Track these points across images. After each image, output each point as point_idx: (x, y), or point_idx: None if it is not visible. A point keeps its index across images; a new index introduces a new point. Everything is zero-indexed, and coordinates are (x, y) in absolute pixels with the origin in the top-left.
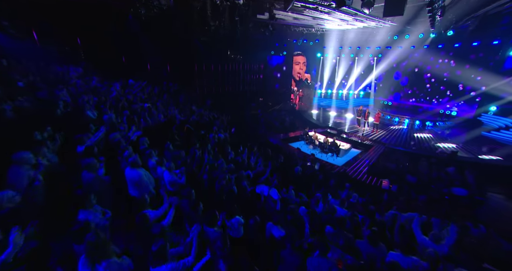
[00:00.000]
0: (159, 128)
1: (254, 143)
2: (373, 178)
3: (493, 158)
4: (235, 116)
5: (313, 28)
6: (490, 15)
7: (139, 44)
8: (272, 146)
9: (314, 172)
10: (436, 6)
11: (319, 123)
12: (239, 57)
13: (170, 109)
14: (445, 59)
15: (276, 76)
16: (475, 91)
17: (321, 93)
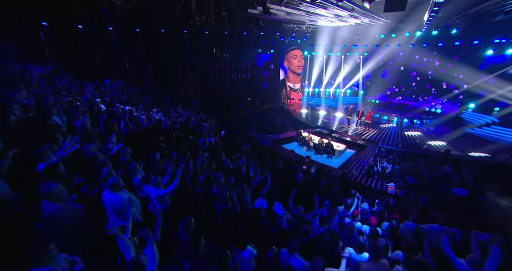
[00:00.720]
0: (142, 135)
1: (248, 147)
2: (372, 180)
3: (482, 155)
4: (224, 118)
5: (304, 25)
6: (481, 14)
7: (115, 40)
8: (266, 149)
9: (317, 178)
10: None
11: (310, 123)
12: (226, 56)
13: (153, 111)
14: (430, 58)
15: (263, 75)
16: (457, 89)
17: (309, 92)
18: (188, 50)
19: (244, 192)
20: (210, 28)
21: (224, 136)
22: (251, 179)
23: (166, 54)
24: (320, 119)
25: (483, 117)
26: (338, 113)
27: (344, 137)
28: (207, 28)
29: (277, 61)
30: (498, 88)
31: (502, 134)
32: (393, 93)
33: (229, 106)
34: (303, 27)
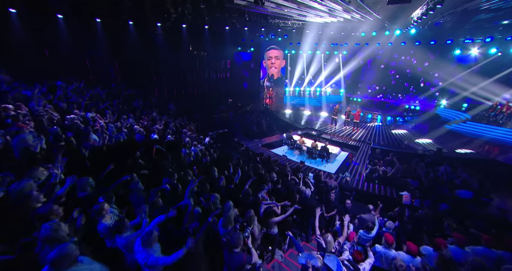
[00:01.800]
0: (112, 152)
1: (241, 157)
2: (374, 186)
3: (468, 152)
4: (205, 122)
5: (290, 21)
6: (469, 11)
7: (68, 32)
8: (257, 156)
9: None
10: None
11: (297, 124)
12: (204, 54)
13: (123, 118)
14: (408, 56)
15: (244, 74)
16: (434, 87)
17: (289, 91)
18: (162, 46)
19: (251, 220)
20: (188, 23)
21: (208, 143)
22: (257, 204)
23: (135, 51)
24: (306, 120)
25: (458, 114)
26: (323, 113)
27: (335, 138)
28: (184, 22)
29: (257, 60)
30: (467, 86)
31: (478, 130)
32: (374, 91)
33: (209, 109)
34: (289, 23)
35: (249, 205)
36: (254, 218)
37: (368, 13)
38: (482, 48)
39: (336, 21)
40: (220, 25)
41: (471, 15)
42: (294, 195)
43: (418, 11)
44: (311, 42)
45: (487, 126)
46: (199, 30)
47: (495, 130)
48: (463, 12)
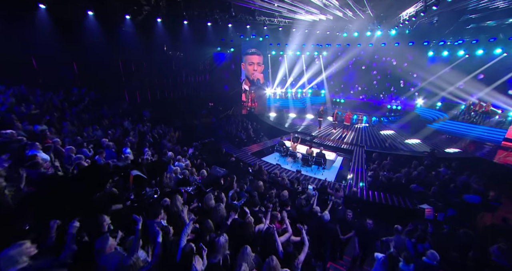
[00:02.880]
0: (71, 185)
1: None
2: (379, 194)
3: (456, 151)
4: (186, 130)
5: (276, 18)
6: (456, 12)
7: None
8: (248, 167)
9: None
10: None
11: (284, 128)
12: (180, 54)
13: (86, 131)
14: (388, 57)
15: (224, 76)
16: (413, 87)
17: (271, 94)
18: (132, 45)
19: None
20: (163, 17)
21: (192, 154)
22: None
23: (99, 49)
24: (293, 123)
25: (436, 113)
26: (308, 115)
27: (326, 142)
28: (158, 16)
29: (238, 61)
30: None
31: (458, 128)
32: (356, 92)
33: (189, 114)
34: (275, 21)
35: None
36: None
37: (361, 10)
38: (452, 50)
39: (325, 19)
40: (200, 21)
41: (457, 16)
42: (307, 219)
43: (411, 9)
44: (295, 43)
45: (467, 125)
46: (176, 27)
47: (475, 129)
48: (451, 13)
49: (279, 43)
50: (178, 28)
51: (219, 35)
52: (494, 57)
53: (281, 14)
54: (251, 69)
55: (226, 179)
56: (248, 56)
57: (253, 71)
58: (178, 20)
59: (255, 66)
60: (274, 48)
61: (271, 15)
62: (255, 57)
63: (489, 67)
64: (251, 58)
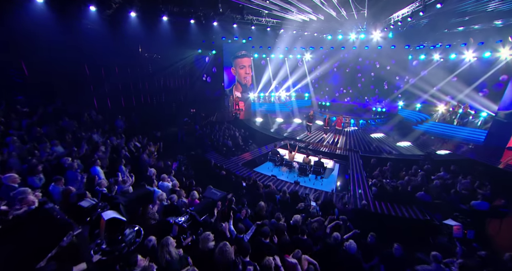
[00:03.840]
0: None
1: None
2: (386, 205)
3: (447, 152)
4: (167, 140)
5: (264, 18)
6: (442, 13)
7: None
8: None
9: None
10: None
11: (274, 135)
12: (157, 57)
13: (42, 147)
14: (371, 60)
15: (206, 80)
16: (396, 90)
17: (254, 98)
18: (100, 44)
19: None
20: (137, 11)
21: (178, 169)
22: None
23: (57, 47)
24: (281, 128)
25: (419, 115)
26: (295, 119)
27: (319, 148)
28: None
29: (220, 63)
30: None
31: (444, 130)
32: (341, 94)
33: (169, 122)
34: (263, 21)
35: None
36: None
37: (357, 9)
38: (428, 54)
39: (315, 19)
40: (181, 19)
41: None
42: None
43: (405, 10)
44: (279, 45)
45: (454, 127)
46: (153, 25)
47: (461, 130)
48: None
49: (261, 46)
50: (155, 26)
51: (201, 36)
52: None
53: (271, 13)
54: (243, 73)
55: (224, 202)
56: (239, 60)
57: (245, 75)
58: (155, 16)
59: (247, 69)
60: (256, 50)
61: (259, 14)
62: (246, 60)
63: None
64: (242, 61)
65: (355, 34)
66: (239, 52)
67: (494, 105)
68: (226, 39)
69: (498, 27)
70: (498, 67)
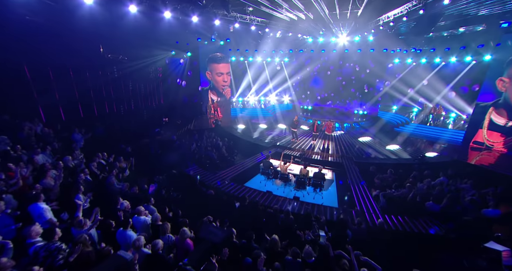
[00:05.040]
0: None
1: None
2: (397, 218)
3: (435, 154)
4: (140, 156)
5: (248, 16)
6: (429, 16)
7: None
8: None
9: None
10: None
11: (260, 143)
12: (123, 58)
13: None
14: (351, 63)
15: (180, 85)
16: (377, 92)
17: (233, 103)
18: (44, 38)
19: None
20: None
21: (157, 193)
22: None
23: None
24: (266, 135)
25: (398, 117)
26: (280, 125)
27: (311, 155)
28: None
29: (196, 67)
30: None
31: (429, 132)
32: (323, 98)
33: (139, 134)
34: (247, 19)
35: None
36: None
37: (354, 7)
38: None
39: (304, 19)
40: (151, 13)
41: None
42: None
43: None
44: (260, 48)
45: (438, 129)
46: (116, 20)
47: (445, 132)
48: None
49: (238, 49)
50: (120, 21)
51: (174, 36)
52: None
53: (257, 10)
54: (221, 81)
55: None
56: (215, 65)
57: (223, 84)
58: (119, 6)
59: (225, 77)
60: (233, 53)
61: (243, 11)
62: (223, 66)
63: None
64: (219, 67)
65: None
66: (215, 55)
67: (467, 107)
68: (202, 40)
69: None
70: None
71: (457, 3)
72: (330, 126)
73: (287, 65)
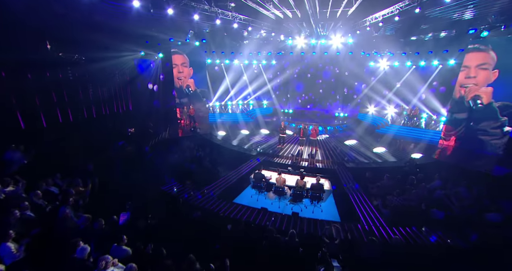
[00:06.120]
0: None
1: None
2: (406, 230)
3: (420, 155)
4: (104, 176)
5: (231, 12)
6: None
7: None
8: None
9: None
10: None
11: (245, 151)
12: (79, 58)
13: None
14: (331, 65)
15: (151, 89)
16: (356, 95)
17: (210, 107)
18: None
19: None
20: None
21: (129, 224)
22: None
23: None
24: (250, 142)
25: (380, 119)
26: (262, 130)
27: (298, 162)
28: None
29: (169, 69)
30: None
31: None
32: (303, 101)
33: (105, 147)
34: (229, 15)
35: None
36: None
37: (348, 5)
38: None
39: (291, 17)
40: (117, 5)
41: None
42: None
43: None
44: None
45: (413, 129)
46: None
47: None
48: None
49: (214, 51)
50: (73, 13)
51: (144, 35)
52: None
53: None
54: (176, 73)
55: None
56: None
57: (178, 75)
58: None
59: (180, 68)
60: (209, 55)
61: (224, 6)
62: (178, 57)
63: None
64: (173, 59)
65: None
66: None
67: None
68: (174, 40)
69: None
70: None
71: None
72: (316, 131)
73: (267, 68)
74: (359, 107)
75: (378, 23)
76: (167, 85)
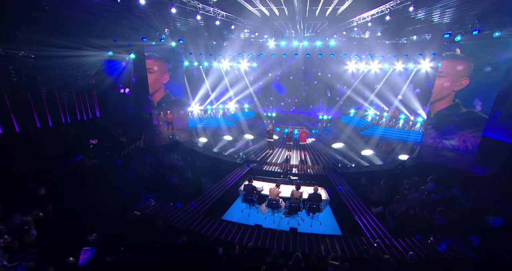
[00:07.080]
0: None
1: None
2: (412, 241)
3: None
4: (64, 196)
5: (212, 8)
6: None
7: None
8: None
9: None
10: None
11: (231, 158)
12: (26, 56)
13: None
14: (313, 68)
15: (123, 93)
16: (339, 97)
17: (189, 112)
18: None
19: None
20: None
21: (92, 264)
22: None
23: None
24: (237, 149)
25: (360, 121)
26: (246, 135)
27: (291, 169)
28: None
29: (142, 71)
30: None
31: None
32: (286, 104)
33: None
34: (211, 11)
35: None
36: None
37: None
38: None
39: (278, 15)
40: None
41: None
42: None
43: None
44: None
45: (398, 130)
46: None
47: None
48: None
49: (191, 53)
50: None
51: (111, 32)
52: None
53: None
54: (154, 78)
55: None
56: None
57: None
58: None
59: (158, 75)
60: (187, 57)
61: (206, 1)
62: (154, 62)
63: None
64: (148, 64)
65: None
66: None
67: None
68: (148, 40)
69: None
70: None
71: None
72: (305, 135)
73: (248, 71)
74: (342, 110)
75: (367, 24)
76: (141, 88)
